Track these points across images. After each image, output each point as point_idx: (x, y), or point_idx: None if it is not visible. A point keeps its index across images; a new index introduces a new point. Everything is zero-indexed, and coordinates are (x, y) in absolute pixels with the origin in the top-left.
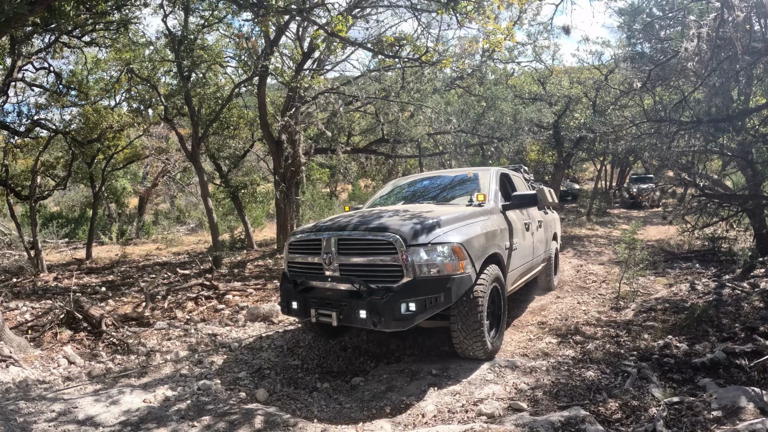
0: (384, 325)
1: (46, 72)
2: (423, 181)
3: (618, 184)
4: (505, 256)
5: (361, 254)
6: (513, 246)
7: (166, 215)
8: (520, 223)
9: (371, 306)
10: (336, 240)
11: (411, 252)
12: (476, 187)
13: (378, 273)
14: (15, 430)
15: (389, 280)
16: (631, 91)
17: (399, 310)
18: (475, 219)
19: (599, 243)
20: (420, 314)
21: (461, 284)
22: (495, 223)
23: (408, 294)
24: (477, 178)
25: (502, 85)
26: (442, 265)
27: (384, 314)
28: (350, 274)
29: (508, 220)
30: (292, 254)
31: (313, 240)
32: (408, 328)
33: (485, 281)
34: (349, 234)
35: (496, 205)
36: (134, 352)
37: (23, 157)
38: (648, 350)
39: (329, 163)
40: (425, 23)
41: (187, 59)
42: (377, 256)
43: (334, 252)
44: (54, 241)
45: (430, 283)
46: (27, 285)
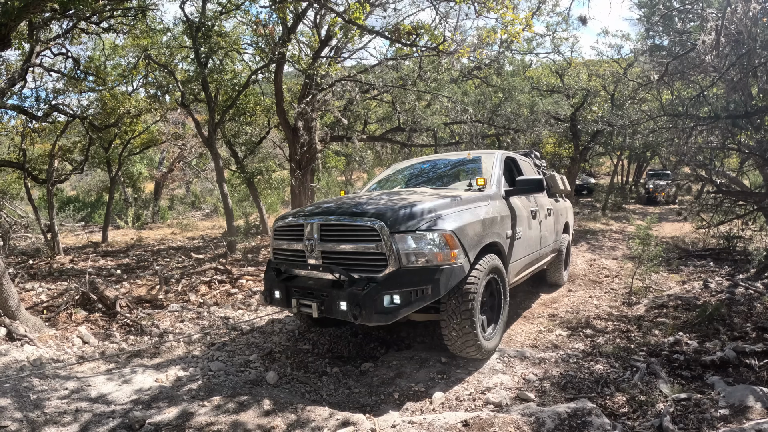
0: (365, 318)
1: (64, 57)
2: (423, 165)
3: (634, 179)
4: (507, 245)
5: (344, 241)
6: (516, 235)
7: (181, 200)
8: (526, 210)
9: (351, 297)
10: (318, 225)
11: (396, 239)
12: (478, 171)
13: (361, 262)
14: (28, 407)
15: (373, 269)
16: (649, 84)
17: (381, 302)
18: (472, 204)
19: (613, 238)
20: (405, 307)
21: (452, 275)
22: (495, 210)
23: (392, 285)
24: (479, 162)
25: (520, 76)
26: (431, 255)
27: (365, 306)
28: (332, 262)
29: (512, 206)
30: (276, 240)
31: (296, 225)
32: (391, 323)
33: (480, 273)
34: (331, 219)
35: (498, 190)
36: (147, 333)
37: (41, 141)
38: (658, 346)
39: (345, 151)
40: (443, 12)
41: (205, 46)
42: (360, 244)
43: (316, 238)
44: (70, 224)
45: (416, 274)
46: (43, 267)
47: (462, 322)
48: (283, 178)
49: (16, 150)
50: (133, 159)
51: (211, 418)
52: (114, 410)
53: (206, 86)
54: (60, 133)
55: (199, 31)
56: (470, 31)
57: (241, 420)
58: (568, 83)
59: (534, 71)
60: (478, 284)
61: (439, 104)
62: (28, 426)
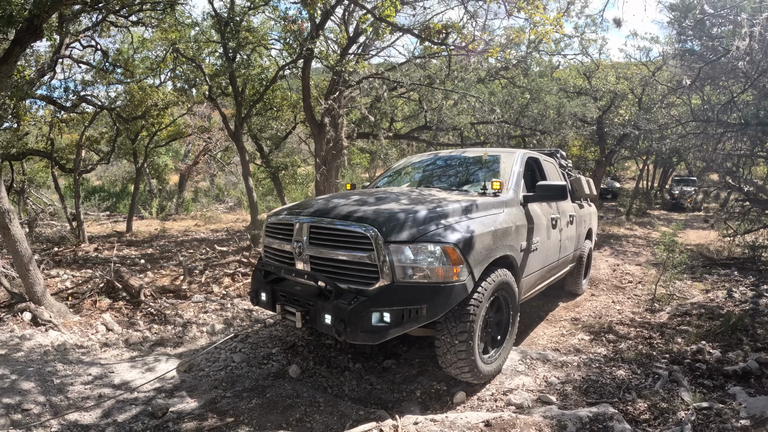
0: (349, 336)
1: (93, 50)
2: (437, 161)
3: (660, 184)
4: (520, 258)
5: (334, 247)
6: (532, 246)
7: (205, 193)
8: (546, 218)
9: (336, 311)
10: (308, 227)
11: (391, 250)
12: (495, 173)
13: (351, 272)
14: (51, 391)
15: (363, 281)
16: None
17: (369, 319)
18: (483, 212)
19: (637, 243)
20: (395, 327)
21: (451, 295)
22: (510, 219)
23: (383, 301)
24: (498, 162)
25: (547, 77)
26: (430, 270)
27: (350, 323)
28: (321, 268)
29: (530, 214)
30: (267, 238)
31: (287, 224)
32: (379, 343)
33: (484, 292)
34: (322, 221)
35: (515, 195)
36: (171, 323)
37: (68, 131)
38: (680, 354)
39: (370, 148)
40: (472, 11)
41: (233, 41)
42: (351, 251)
43: (305, 241)
44: (95, 213)
45: (411, 291)
46: (68, 254)
47: (458, 344)
48: (307, 173)
49: (44, 139)
50: (159, 151)
51: (233, 408)
52: (137, 397)
53: (234, 81)
54: (88, 123)
55: (228, 26)
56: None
57: (262, 411)
58: (596, 85)
59: (561, 72)
60: (480, 305)
61: (466, 103)
62: (51, 410)
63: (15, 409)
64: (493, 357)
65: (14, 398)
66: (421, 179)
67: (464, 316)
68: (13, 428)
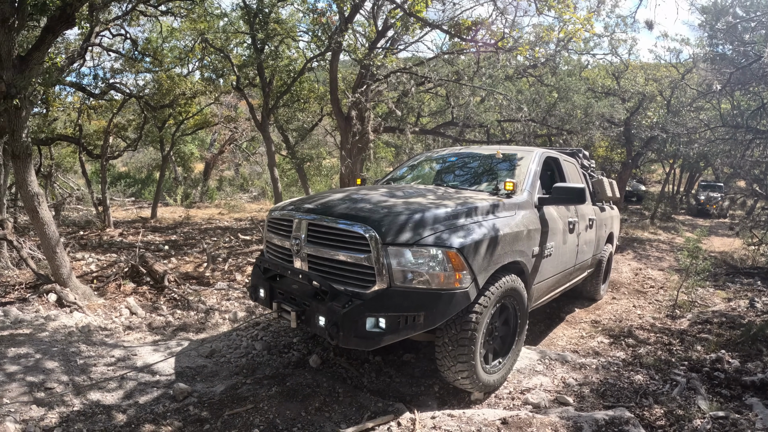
0: (342, 341)
1: (123, 38)
2: (452, 158)
3: (686, 189)
4: (531, 264)
5: (332, 246)
6: (545, 252)
7: (230, 182)
8: (562, 222)
9: (330, 314)
10: (306, 224)
11: (389, 253)
12: (510, 172)
13: (348, 273)
14: (75, 371)
15: (359, 284)
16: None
17: (363, 325)
18: (493, 215)
19: (661, 248)
20: (390, 334)
21: (452, 303)
22: (522, 222)
23: (378, 306)
24: (514, 160)
25: (576, 76)
26: (430, 275)
27: (343, 327)
28: (318, 268)
29: (544, 218)
30: (269, 232)
31: (287, 220)
32: (373, 349)
33: (489, 299)
34: (321, 219)
35: (529, 197)
36: (194, 309)
37: (97, 118)
38: (699, 362)
39: (395, 142)
40: (501, 8)
41: (261, 32)
42: (348, 252)
43: (303, 239)
44: (121, 199)
45: (409, 297)
46: (94, 238)
47: (458, 352)
48: (332, 165)
49: (72, 125)
50: (186, 139)
51: (253, 394)
52: (159, 380)
53: (262, 72)
54: (116, 111)
55: (257, 17)
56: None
57: (282, 399)
58: (624, 86)
59: (590, 72)
60: (483, 313)
61: (493, 101)
62: (74, 389)
63: (38, 387)
64: (496, 367)
65: (38, 377)
66: (432, 176)
67: (466, 324)
68: (36, 405)
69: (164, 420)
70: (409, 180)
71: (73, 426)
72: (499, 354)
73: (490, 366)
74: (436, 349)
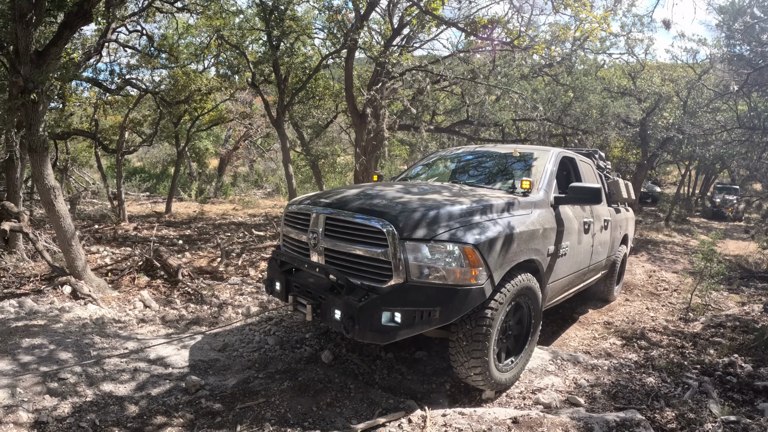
0: (357, 334)
1: (139, 35)
2: (467, 156)
3: (701, 191)
4: (546, 263)
5: (349, 241)
6: (560, 251)
7: (244, 178)
8: (577, 222)
9: (346, 307)
10: (324, 218)
11: (406, 248)
12: (526, 171)
13: (365, 267)
14: (88, 362)
15: (376, 278)
16: (726, 94)
17: (378, 319)
18: (509, 213)
19: (675, 250)
20: (405, 329)
21: (467, 299)
22: (538, 221)
23: (394, 301)
24: (531, 159)
25: (591, 76)
26: (446, 271)
27: (359, 320)
28: (335, 262)
29: (560, 217)
30: (286, 226)
31: (304, 214)
32: (387, 343)
33: (504, 297)
34: (338, 213)
35: (545, 196)
36: (207, 303)
37: (112, 113)
38: (711, 366)
39: (409, 140)
40: (517, 6)
41: (277, 29)
42: (365, 246)
43: (321, 233)
44: (135, 193)
45: (424, 292)
46: (108, 232)
47: (472, 348)
48: (347, 162)
49: (88, 120)
50: (201, 135)
51: (264, 389)
52: (171, 373)
53: (277, 68)
54: (132, 106)
55: (272, 14)
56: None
57: (294, 394)
58: (641, 86)
59: (606, 72)
60: (498, 310)
61: (509, 100)
62: (87, 380)
63: (52, 378)
64: (509, 366)
65: (51, 367)
66: (449, 173)
67: (481, 320)
68: (50, 395)
69: (176, 412)
70: (425, 177)
71: (86, 416)
72: (511, 353)
73: (502, 364)
74: (449, 345)
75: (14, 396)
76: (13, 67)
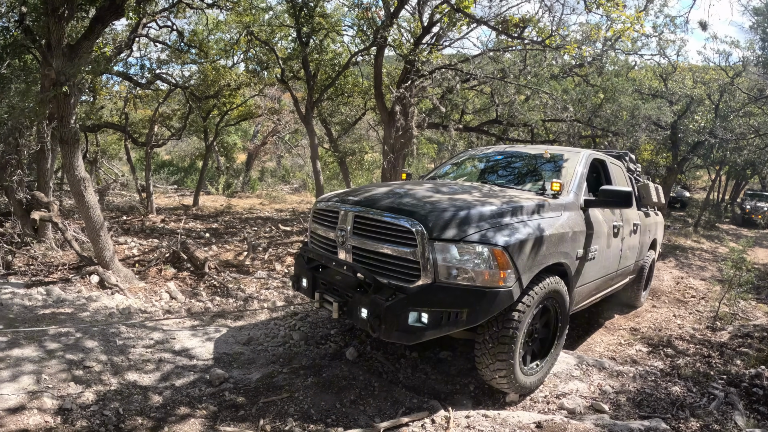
0: (383, 334)
1: (169, 30)
2: (497, 156)
3: (731, 197)
4: (575, 266)
5: (378, 239)
6: (589, 255)
7: (271, 173)
8: (607, 225)
9: (373, 306)
10: (353, 216)
11: (436, 248)
12: (556, 173)
13: (393, 267)
14: (114, 351)
15: (404, 278)
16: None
17: (405, 319)
18: (539, 215)
19: (703, 257)
20: (432, 330)
21: (495, 302)
22: (567, 224)
23: (422, 301)
24: (561, 161)
25: (622, 77)
26: (475, 272)
27: (386, 320)
28: (362, 260)
29: (589, 220)
30: (314, 223)
31: (333, 211)
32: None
33: (532, 300)
34: (367, 211)
35: (575, 199)
36: (233, 296)
37: (142, 107)
38: (738, 377)
39: (437, 138)
40: (548, 5)
41: (307, 25)
42: (394, 245)
43: (349, 230)
44: (163, 186)
45: (452, 293)
46: (136, 223)
47: (497, 350)
48: (374, 160)
49: (118, 113)
50: (229, 130)
51: (288, 384)
52: (195, 364)
53: (307, 65)
54: (161, 100)
55: (302, 11)
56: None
57: (318, 390)
58: (672, 88)
59: (636, 73)
60: (525, 313)
61: (539, 100)
62: (112, 369)
63: (77, 365)
64: (534, 369)
65: (77, 355)
66: (478, 173)
67: (507, 323)
68: (74, 383)
69: (199, 403)
70: (454, 177)
71: (110, 404)
72: (537, 356)
73: (527, 368)
74: (475, 347)
75: (39, 382)
76: (46, 60)
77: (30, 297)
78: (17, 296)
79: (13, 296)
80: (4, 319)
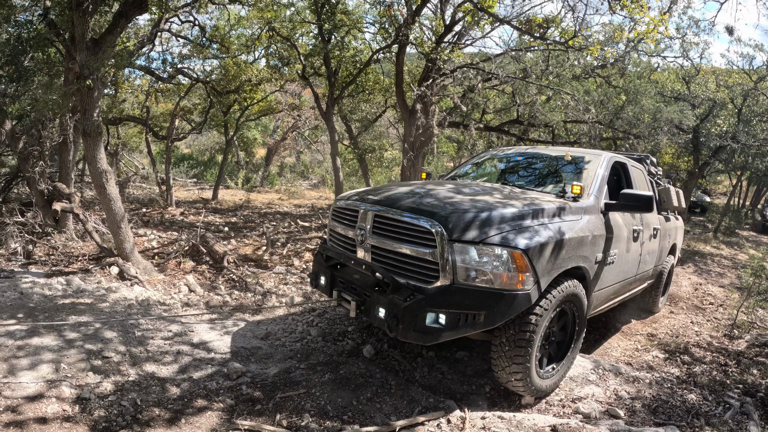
0: (401, 334)
1: (191, 25)
2: (517, 157)
3: (752, 203)
4: (594, 270)
5: (397, 239)
6: (608, 259)
7: (291, 168)
8: (627, 229)
9: (390, 306)
10: (372, 215)
11: (455, 249)
12: (577, 175)
13: (412, 267)
14: (132, 342)
15: (422, 279)
16: None
17: (423, 319)
18: (559, 218)
19: (723, 264)
20: (449, 331)
21: (513, 305)
22: (587, 227)
23: (440, 302)
24: (582, 163)
25: (645, 79)
26: (493, 275)
27: (403, 320)
28: (380, 259)
29: (609, 224)
30: (333, 221)
31: (352, 210)
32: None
33: (550, 303)
34: (387, 211)
35: (596, 202)
36: (251, 291)
37: (164, 100)
38: (754, 386)
39: (457, 137)
40: (571, 5)
41: (328, 22)
42: (413, 246)
43: (369, 230)
44: (183, 179)
45: (470, 295)
46: (156, 216)
47: (514, 353)
48: (394, 157)
49: (139, 106)
50: (249, 125)
51: (305, 379)
52: (213, 358)
53: (328, 61)
54: (182, 94)
55: (324, 8)
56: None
57: (334, 387)
58: (695, 91)
59: (659, 75)
60: (543, 316)
61: (560, 101)
62: (130, 360)
63: (96, 355)
64: (550, 372)
65: (96, 345)
66: (498, 174)
67: (525, 325)
68: (93, 373)
69: (217, 396)
70: (474, 177)
71: (127, 395)
72: (553, 359)
73: (544, 371)
74: (492, 349)
75: (58, 371)
76: (70, 53)
77: (50, 286)
78: (37, 285)
79: (33, 285)
80: (24, 308)
